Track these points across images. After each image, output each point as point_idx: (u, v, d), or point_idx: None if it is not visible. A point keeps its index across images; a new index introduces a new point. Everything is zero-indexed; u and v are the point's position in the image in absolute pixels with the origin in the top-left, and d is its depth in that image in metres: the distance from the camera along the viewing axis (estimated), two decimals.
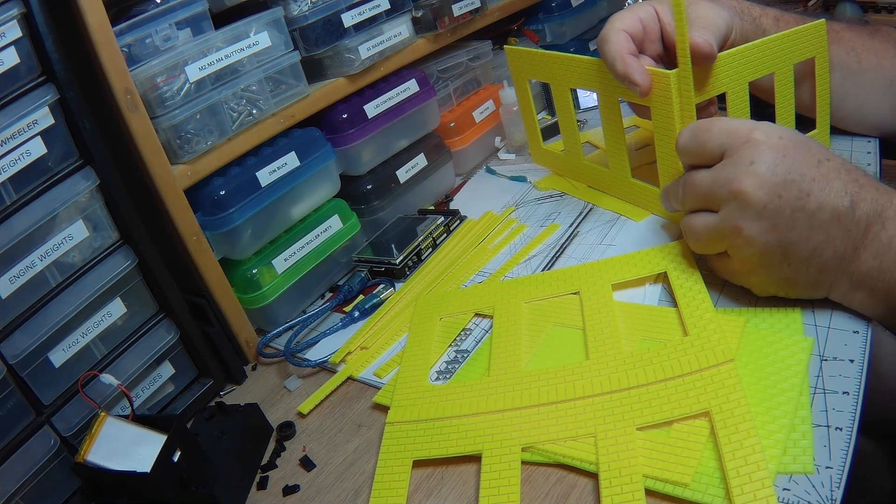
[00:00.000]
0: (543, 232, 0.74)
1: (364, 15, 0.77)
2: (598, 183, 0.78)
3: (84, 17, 0.53)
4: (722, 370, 0.47)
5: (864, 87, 0.67)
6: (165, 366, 0.61)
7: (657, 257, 0.61)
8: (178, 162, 0.62)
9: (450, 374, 0.58)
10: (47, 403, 0.52)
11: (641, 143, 0.82)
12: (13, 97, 0.50)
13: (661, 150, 0.62)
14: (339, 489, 0.50)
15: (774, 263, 0.48)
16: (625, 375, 0.50)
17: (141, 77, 0.59)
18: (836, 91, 0.66)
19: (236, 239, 0.66)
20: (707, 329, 0.51)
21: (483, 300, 0.64)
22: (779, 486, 0.40)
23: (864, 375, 0.46)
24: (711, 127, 0.51)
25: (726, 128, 0.50)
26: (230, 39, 0.65)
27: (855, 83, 0.67)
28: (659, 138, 0.61)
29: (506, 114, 0.95)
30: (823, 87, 0.64)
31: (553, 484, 0.45)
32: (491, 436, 0.49)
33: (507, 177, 0.90)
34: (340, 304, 0.73)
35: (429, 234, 0.77)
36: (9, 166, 0.50)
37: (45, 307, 0.52)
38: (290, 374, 0.64)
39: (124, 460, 0.47)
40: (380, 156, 0.82)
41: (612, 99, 0.68)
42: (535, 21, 1.14)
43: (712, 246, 0.52)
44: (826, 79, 0.64)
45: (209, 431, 0.55)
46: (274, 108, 0.69)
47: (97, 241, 0.56)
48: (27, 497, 0.49)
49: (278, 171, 0.69)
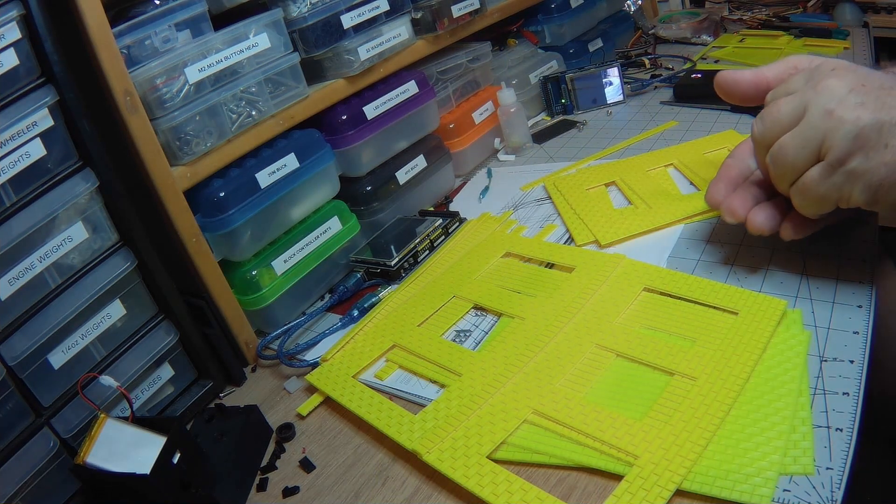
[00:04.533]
0: (541, 232, 0.74)
1: (363, 16, 0.77)
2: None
3: (83, 19, 0.53)
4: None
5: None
6: (165, 367, 0.61)
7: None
8: (178, 163, 0.62)
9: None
10: (47, 405, 0.52)
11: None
12: (12, 99, 0.50)
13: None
14: (339, 490, 0.50)
15: (872, 145, 0.45)
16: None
17: (140, 78, 0.59)
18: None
19: (236, 240, 0.66)
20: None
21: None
22: (779, 487, 0.40)
23: (865, 376, 0.46)
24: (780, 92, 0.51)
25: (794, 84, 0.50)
26: (230, 41, 0.65)
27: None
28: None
29: (504, 115, 0.96)
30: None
31: (553, 485, 0.45)
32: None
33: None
34: (335, 304, 0.73)
35: (426, 237, 0.77)
36: (8, 168, 0.50)
37: (44, 309, 0.52)
38: (290, 375, 0.64)
39: (124, 462, 0.47)
40: (379, 157, 0.82)
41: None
42: (535, 22, 1.14)
43: (804, 149, 0.48)
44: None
45: (209, 433, 0.55)
46: (273, 110, 0.69)
47: (97, 243, 0.56)
48: (27, 499, 0.49)
49: (278, 173, 0.69)
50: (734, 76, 0.57)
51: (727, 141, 0.81)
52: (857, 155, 0.46)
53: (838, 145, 0.46)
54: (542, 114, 1.12)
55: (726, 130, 0.85)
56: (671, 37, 1.29)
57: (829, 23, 1.20)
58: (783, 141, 0.50)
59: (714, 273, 0.60)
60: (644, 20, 1.37)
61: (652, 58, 1.19)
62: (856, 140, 0.45)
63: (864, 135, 0.45)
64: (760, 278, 0.58)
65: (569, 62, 1.13)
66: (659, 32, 1.31)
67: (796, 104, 0.49)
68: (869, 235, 0.59)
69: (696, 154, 0.80)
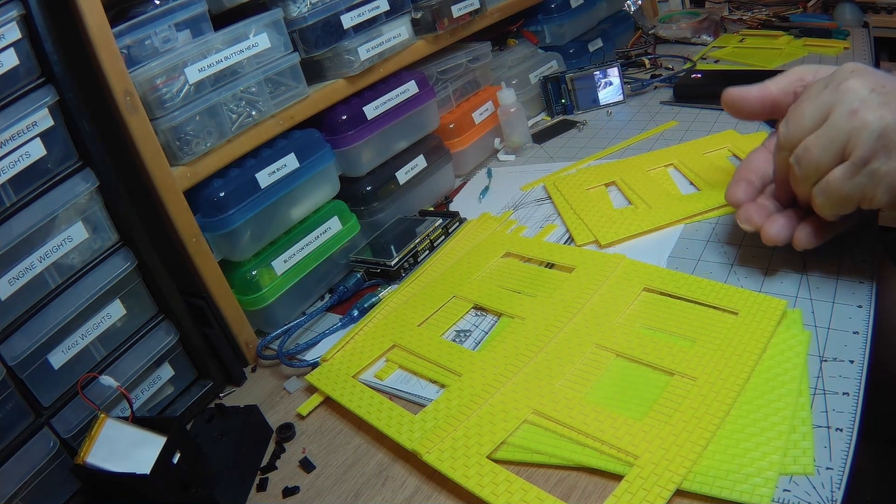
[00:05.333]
0: (541, 232, 0.74)
1: (363, 16, 0.77)
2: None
3: (83, 19, 0.53)
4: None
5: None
6: (165, 367, 0.61)
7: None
8: (178, 163, 0.62)
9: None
10: (47, 405, 0.52)
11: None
12: (12, 99, 0.50)
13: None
14: (339, 490, 0.50)
15: (895, 145, 0.46)
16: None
17: (140, 78, 0.59)
18: None
19: (236, 240, 0.66)
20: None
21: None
22: (779, 487, 0.40)
23: (865, 376, 0.46)
24: (803, 99, 0.51)
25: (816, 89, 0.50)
26: (230, 41, 0.65)
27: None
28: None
29: (504, 115, 0.96)
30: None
31: (553, 485, 0.45)
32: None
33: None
34: (335, 304, 0.73)
35: (426, 237, 0.77)
36: (8, 168, 0.50)
37: (44, 309, 0.52)
38: (290, 375, 0.64)
39: (124, 462, 0.47)
40: (379, 157, 0.82)
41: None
42: (535, 22, 1.14)
43: (829, 150, 0.48)
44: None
45: (209, 433, 0.55)
46: (273, 110, 0.69)
47: (97, 243, 0.56)
48: (27, 499, 0.49)
49: (278, 173, 0.69)
50: (741, 93, 0.58)
51: (727, 141, 0.81)
52: (881, 155, 0.46)
53: (863, 145, 0.46)
54: (542, 114, 1.12)
55: (726, 130, 0.85)
56: (671, 37, 1.29)
57: (829, 23, 1.20)
58: (808, 142, 0.50)
59: (714, 273, 0.60)
60: (644, 20, 1.37)
61: (652, 58, 1.19)
62: (879, 139, 0.46)
63: (888, 134, 0.45)
64: (760, 278, 0.58)
65: (569, 62, 1.13)
66: (659, 32, 1.31)
67: (820, 106, 0.49)
68: (869, 235, 0.59)
69: (696, 154, 0.80)
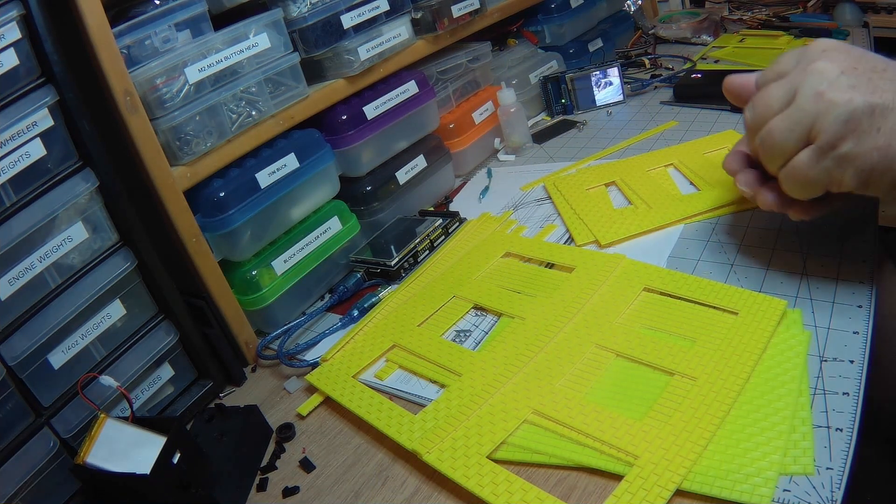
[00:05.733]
0: (541, 232, 0.74)
1: (363, 16, 0.77)
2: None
3: (83, 19, 0.53)
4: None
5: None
6: (165, 367, 0.61)
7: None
8: (178, 163, 0.62)
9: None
10: (47, 405, 0.52)
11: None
12: (12, 99, 0.50)
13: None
14: (339, 490, 0.50)
15: (864, 129, 0.44)
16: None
17: (140, 78, 0.59)
18: None
19: (236, 240, 0.66)
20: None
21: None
22: (779, 487, 0.40)
23: (865, 376, 0.46)
24: (770, 82, 0.49)
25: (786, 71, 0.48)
26: (230, 41, 0.65)
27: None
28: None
29: (504, 115, 0.96)
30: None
31: (553, 485, 0.45)
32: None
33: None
34: (335, 304, 0.73)
35: (426, 237, 0.77)
36: (8, 168, 0.50)
37: (44, 309, 0.52)
38: (290, 375, 0.64)
39: (124, 462, 0.47)
40: (379, 157, 0.82)
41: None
42: (535, 22, 1.14)
43: (793, 132, 0.47)
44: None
45: (209, 433, 0.55)
46: (273, 110, 0.69)
47: (97, 243, 0.56)
48: (27, 499, 0.49)
49: (278, 173, 0.69)
50: (741, 80, 0.56)
51: (727, 141, 0.81)
52: (849, 139, 0.45)
53: (829, 129, 0.45)
54: (542, 114, 1.12)
55: (726, 130, 0.85)
56: (671, 37, 1.29)
57: (829, 23, 1.20)
58: (772, 124, 0.48)
59: (714, 273, 0.60)
60: (644, 20, 1.37)
61: (652, 58, 1.19)
62: (847, 124, 0.44)
63: (856, 118, 0.44)
64: (760, 278, 0.58)
65: (569, 62, 1.13)
66: (659, 32, 1.31)
67: (786, 87, 0.48)
68: (869, 235, 0.59)
69: (696, 154, 0.80)
